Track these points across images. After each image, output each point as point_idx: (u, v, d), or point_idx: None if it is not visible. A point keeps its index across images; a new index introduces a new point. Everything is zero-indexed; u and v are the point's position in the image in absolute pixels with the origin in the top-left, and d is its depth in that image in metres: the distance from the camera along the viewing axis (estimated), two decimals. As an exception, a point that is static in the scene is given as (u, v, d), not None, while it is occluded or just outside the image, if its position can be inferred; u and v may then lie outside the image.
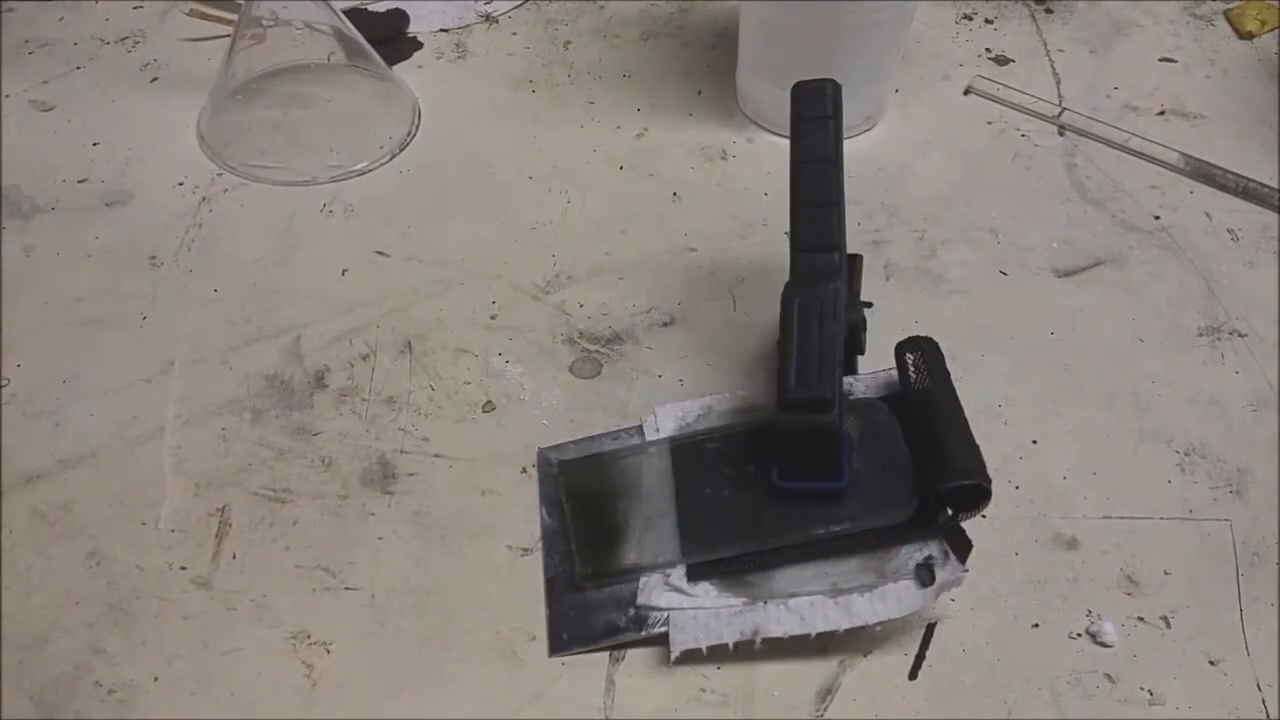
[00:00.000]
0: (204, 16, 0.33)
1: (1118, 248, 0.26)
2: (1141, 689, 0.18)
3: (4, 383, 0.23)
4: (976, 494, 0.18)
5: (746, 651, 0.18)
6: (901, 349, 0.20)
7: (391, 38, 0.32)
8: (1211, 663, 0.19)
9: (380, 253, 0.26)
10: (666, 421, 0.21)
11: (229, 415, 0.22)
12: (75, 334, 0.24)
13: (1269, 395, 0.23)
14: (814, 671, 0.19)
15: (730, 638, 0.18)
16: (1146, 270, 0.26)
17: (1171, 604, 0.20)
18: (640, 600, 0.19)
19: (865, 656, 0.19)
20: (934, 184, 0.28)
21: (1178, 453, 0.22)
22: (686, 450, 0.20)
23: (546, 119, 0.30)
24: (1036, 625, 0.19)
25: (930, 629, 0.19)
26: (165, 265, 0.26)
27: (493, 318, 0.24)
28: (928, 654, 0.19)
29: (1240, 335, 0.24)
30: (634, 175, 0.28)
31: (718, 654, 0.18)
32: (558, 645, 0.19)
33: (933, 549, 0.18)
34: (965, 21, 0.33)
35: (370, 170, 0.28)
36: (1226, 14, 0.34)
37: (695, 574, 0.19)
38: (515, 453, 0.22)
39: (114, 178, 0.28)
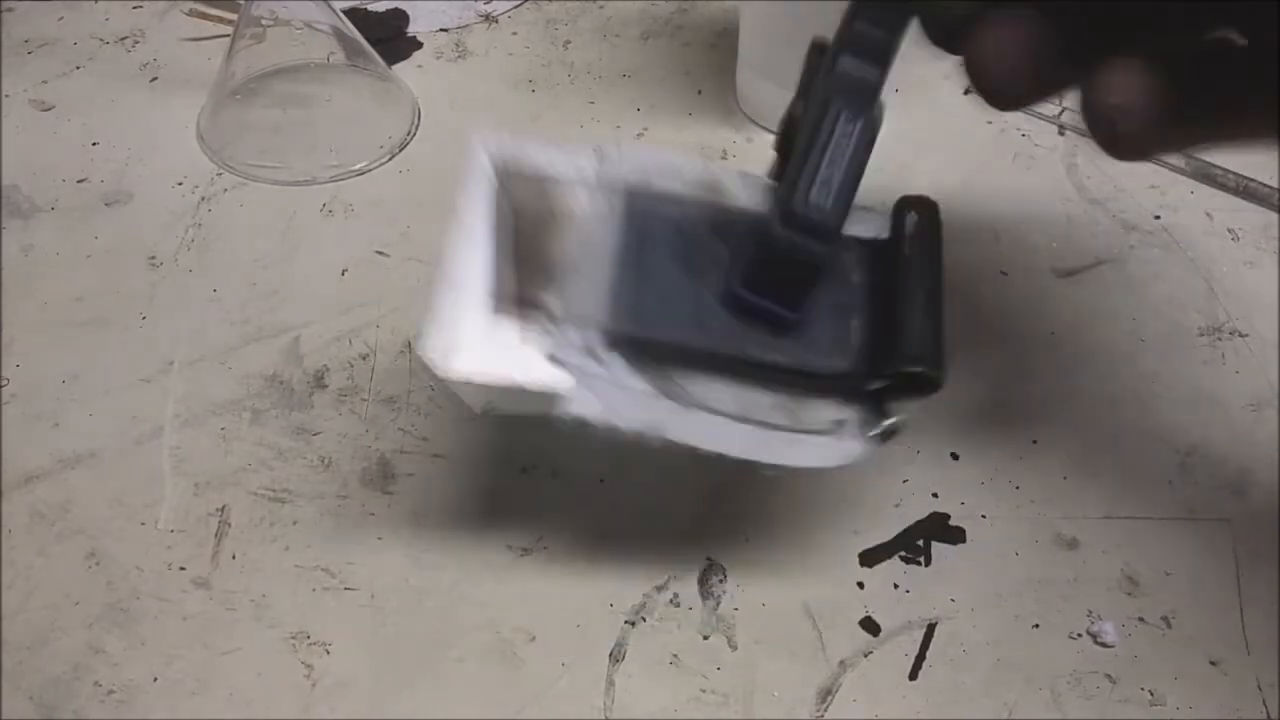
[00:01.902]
0: (204, 16, 0.32)
1: (1118, 247, 0.26)
2: (1142, 689, 0.18)
3: (3, 383, 0.23)
4: (924, 382, 0.16)
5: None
6: (903, 205, 0.18)
7: (391, 37, 0.32)
8: (1212, 663, 0.19)
9: (380, 252, 0.26)
10: (626, 162, 0.18)
11: (228, 415, 0.22)
12: (74, 334, 0.24)
13: (1270, 395, 0.23)
14: (814, 672, 0.19)
15: (630, 425, 0.16)
16: (1147, 270, 0.26)
17: (1172, 604, 0.20)
18: (550, 351, 0.16)
19: (866, 657, 0.19)
20: (934, 184, 0.28)
21: (1178, 453, 0.22)
22: (642, 205, 0.17)
23: (546, 118, 0.30)
24: (1037, 626, 0.19)
25: (931, 629, 0.19)
26: (165, 265, 0.26)
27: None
28: (928, 654, 0.19)
29: (1241, 335, 0.24)
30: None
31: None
32: (445, 368, 0.16)
33: (849, 414, 0.17)
34: (965, 21, 0.33)
35: (370, 170, 0.28)
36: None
37: (613, 345, 0.16)
38: (515, 453, 0.22)
39: (113, 177, 0.28)
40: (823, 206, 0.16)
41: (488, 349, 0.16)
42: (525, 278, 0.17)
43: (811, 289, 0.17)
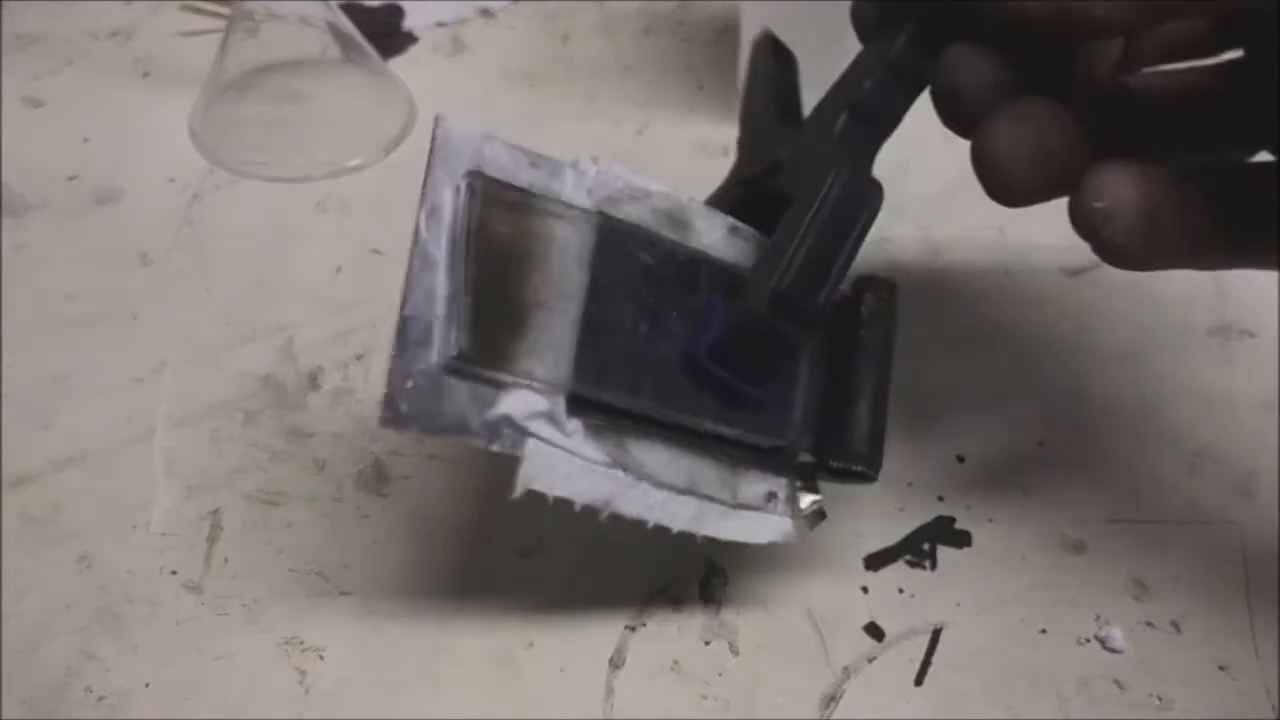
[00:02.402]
0: (196, 11, 0.32)
1: (1125, 245, 0.26)
2: (1150, 694, 0.18)
3: (-7, 383, 0.22)
4: (859, 478, 0.17)
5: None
6: (862, 285, 0.18)
7: (387, 32, 0.32)
8: (1221, 668, 0.19)
9: (375, 251, 0.26)
10: (602, 182, 0.17)
11: (221, 416, 0.22)
12: (65, 333, 0.24)
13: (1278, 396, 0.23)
14: (817, 678, 0.18)
15: (582, 498, 0.15)
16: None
17: (1181, 608, 0.19)
18: (504, 410, 0.15)
19: (870, 662, 0.19)
20: (937, 181, 0.27)
21: (1187, 455, 0.22)
22: (614, 239, 0.16)
23: (545, 114, 0.29)
24: (1044, 631, 0.19)
25: (936, 634, 0.19)
26: (157, 263, 0.25)
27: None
28: (933, 660, 0.19)
29: (1251, 335, 0.24)
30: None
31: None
32: (393, 418, 0.14)
33: (779, 487, 0.17)
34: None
35: (365, 167, 0.28)
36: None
37: (573, 407, 0.15)
38: (514, 454, 0.21)
39: (105, 175, 0.27)
40: (816, 295, 0.15)
41: (442, 402, 0.15)
42: (488, 325, 0.15)
43: (775, 370, 0.16)
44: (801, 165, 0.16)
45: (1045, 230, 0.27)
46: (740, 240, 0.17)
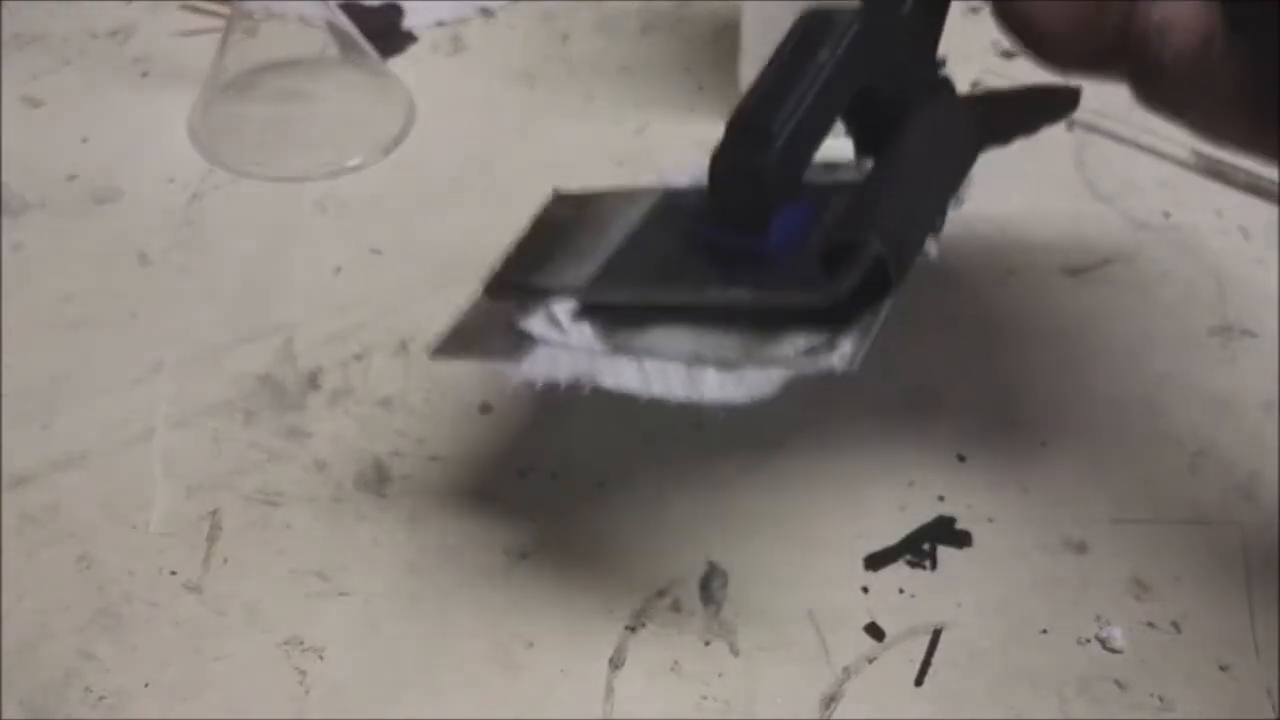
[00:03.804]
0: (195, 10, 0.32)
1: (1127, 245, 0.26)
2: (1151, 695, 0.18)
3: (-8, 383, 0.22)
4: (873, 264, 0.14)
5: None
6: (1034, 92, 0.17)
7: (386, 32, 0.32)
8: (1222, 668, 0.18)
9: (375, 250, 0.26)
10: (681, 176, 0.18)
11: (220, 417, 0.22)
12: (64, 333, 0.24)
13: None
14: (817, 678, 0.18)
15: (566, 377, 0.16)
16: (1156, 269, 0.26)
17: (1182, 609, 0.19)
18: (520, 324, 0.16)
19: (870, 663, 0.19)
20: (939, 180, 0.27)
21: (1188, 455, 0.22)
22: (669, 201, 0.17)
23: (544, 114, 0.29)
24: (1045, 631, 0.19)
25: (936, 634, 0.19)
26: (156, 263, 0.25)
27: (490, 317, 0.24)
28: (934, 660, 0.19)
29: (1252, 335, 0.24)
30: (633, 171, 0.27)
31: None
32: (435, 348, 0.18)
33: (818, 340, 0.14)
34: (972, 15, 0.33)
35: (364, 167, 0.28)
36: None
37: (583, 312, 0.16)
38: (513, 455, 0.21)
39: (104, 174, 0.27)
40: (766, 112, 0.14)
41: (477, 335, 0.17)
42: (527, 267, 0.17)
43: (770, 206, 0.15)
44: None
45: (1046, 230, 0.27)
46: (829, 174, 0.16)
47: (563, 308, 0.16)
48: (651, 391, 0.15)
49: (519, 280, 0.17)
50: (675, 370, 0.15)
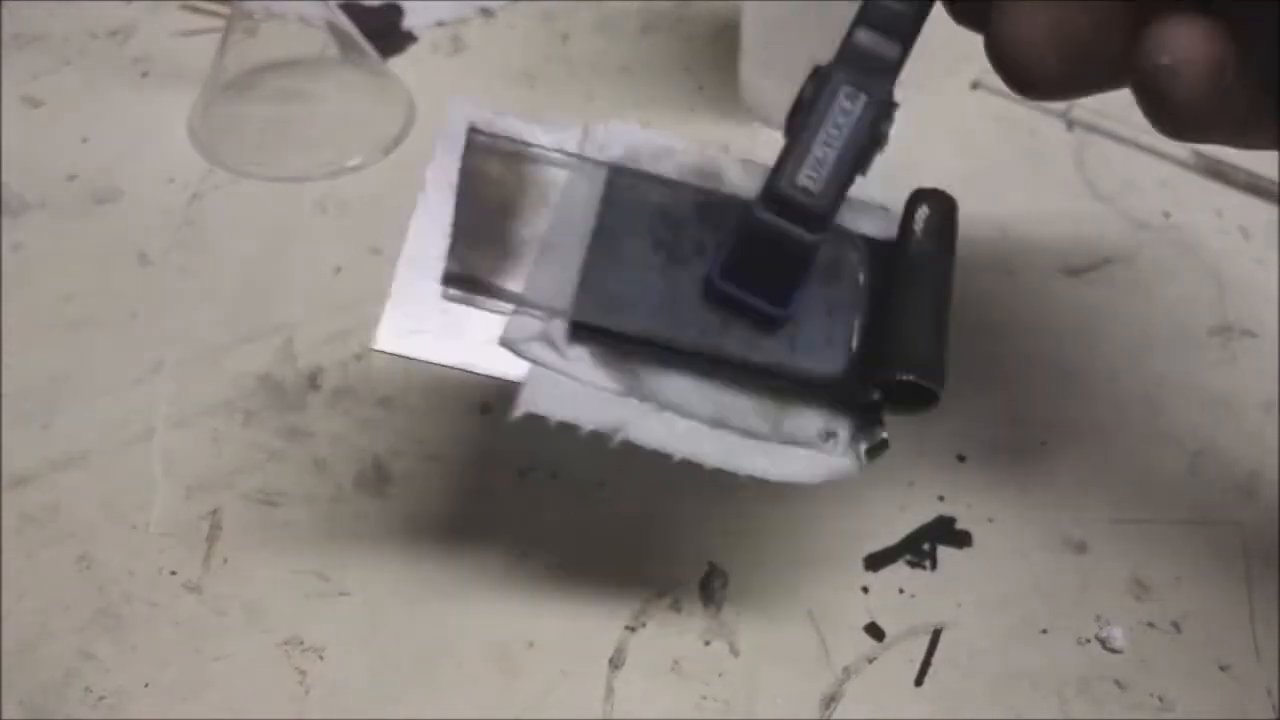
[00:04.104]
0: (195, 10, 0.32)
1: (1127, 245, 0.26)
2: (1151, 695, 0.18)
3: (-8, 383, 0.22)
4: (920, 395, 0.15)
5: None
6: (917, 199, 0.17)
7: (386, 32, 0.32)
8: (1222, 668, 0.19)
9: (375, 250, 0.26)
10: (615, 141, 0.16)
11: (220, 416, 0.22)
12: (64, 333, 0.24)
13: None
14: (817, 678, 0.18)
15: (589, 423, 0.15)
16: (1156, 269, 0.26)
17: (1182, 609, 0.19)
18: (504, 336, 0.15)
19: (870, 663, 0.19)
20: (940, 180, 0.27)
21: (1188, 454, 0.22)
22: (625, 185, 0.16)
23: (544, 114, 0.29)
24: (1045, 631, 0.19)
25: (936, 634, 0.19)
26: (156, 264, 0.25)
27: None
28: (934, 660, 0.19)
29: (1251, 335, 0.24)
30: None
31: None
32: (391, 341, 0.15)
33: (841, 426, 0.15)
34: (970, 14, 0.33)
35: (364, 167, 0.28)
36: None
37: (577, 336, 0.15)
38: (513, 455, 0.21)
39: (104, 174, 0.27)
40: (811, 189, 0.14)
41: (438, 329, 0.15)
42: (487, 255, 0.15)
43: (798, 282, 0.15)
44: (804, 87, 0.15)
45: (1046, 230, 0.27)
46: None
47: (555, 327, 0.15)
48: (680, 453, 0.15)
49: (480, 277, 0.15)
50: (701, 432, 0.15)
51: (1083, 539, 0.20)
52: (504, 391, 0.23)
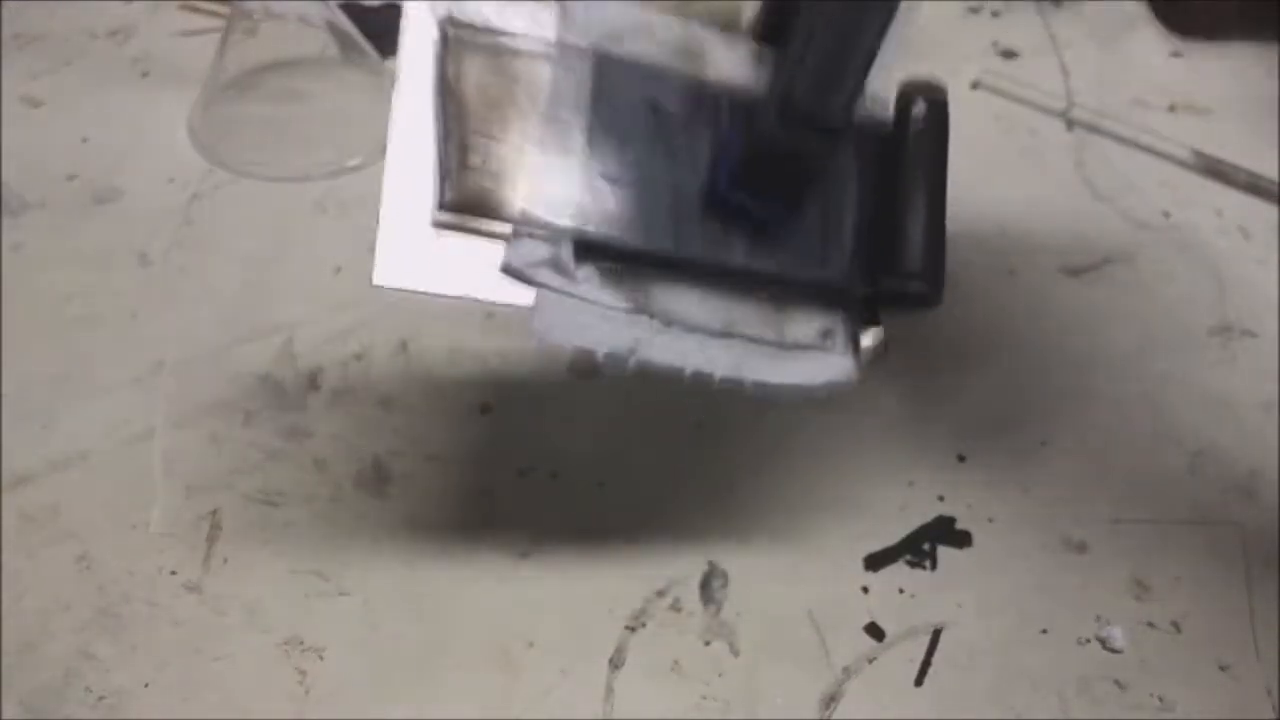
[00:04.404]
0: (195, 10, 0.32)
1: (1127, 245, 0.26)
2: (1151, 695, 0.18)
3: (-8, 383, 0.22)
4: (920, 297, 0.15)
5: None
6: (909, 93, 0.16)
7: (386, 31, 0.31)
8: (1222, 668, 0.18)
9: (374, 250, 0.26)
10: (593, 20, 0.15)
11: (220, 416, 0.22)
12: (64, 333, 0.24)
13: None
14: (817, 678, 0.18)
15: (603, 347, 0.14)
16: (1156, 269, 0.26)
17: (1182, 609, 0.19)
18: (511, 262, 0.14)
19: (870, 663, 0.19)
20: (939, 180, 0.27)
21: (1188, 454, 0.22)
22: (613, 78, 0.15)
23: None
24: (1045, 631, 0.19)
25: (936, 634, 0.19)
26: (156, 264, 0.25)
27: (489, 316, 0.24)
28: (934, 660, 0.19)
29: (1252, 335, 0.24)
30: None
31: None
32: (390, 274, 0.14)
33: (837, 323, 0.15)
34: (972, 14, 0.33)
35: (364, 167, 0.28)
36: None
37: (583, 253, 0.14)
38: (513, 455, 0.21)
39: (104, 174, 0.27)
40: (832, 104, 0.14)
41: (438, 258, 0.14)
42: (479, 174, 0.14)
43: (807, 190, 0.15)
44: None
45: (1046, 230, 0.27)
46: (766, 67, 0.16)
47: (565, 249, 0.14)
48: (692, 367, 0.15)
49: (484, 203, 0.14)
50: (711, 345, 0.15)
51: (1083, 539, 0.20)
52: (504, 391, 0.23)
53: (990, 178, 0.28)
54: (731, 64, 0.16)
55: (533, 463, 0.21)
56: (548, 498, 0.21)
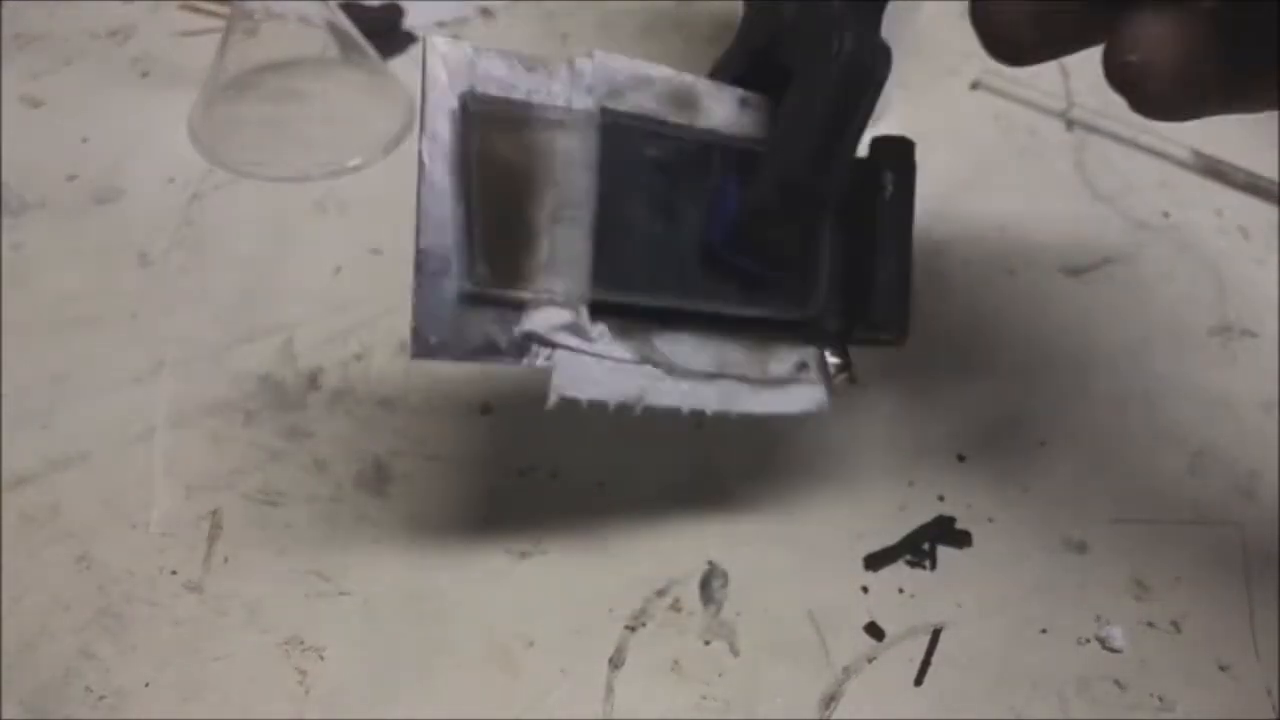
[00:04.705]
0: (195, 10, 0.32)
1: (1127, 245, 0.26)
2: (1151, 695, 0.18)
3: (-8, 383, 0.22)
4: (886, 341, 0.18)
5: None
6: (878, 155, 0.17)
7: (386, 31, 0.32)
8: (1222, 668, 0.19)
9: (375, 250, 0.26)
10: (600, 77, 0.16)
11: (220, 416, 0.22)
12: (64, 333, 0.24)
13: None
14: (817, 678, 0.18)
15: (614, 398, 0.16)
16: (1156, 269, 0.26)
17: (1182, 608, 0.19)
18: (529, 327, 0.16)
19: (870, 663, 0.19)
20: (940, 180, 0.27)
21: (1188, 454, 0.22)
22: (618, 137, 0.16)
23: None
24: (1044, 630, 0.19)
25: (936, 634, 0.19)
26: (156, 264, 0.25)
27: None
28: (934, 660, 0.19)
29: (1252, 335, 0.24)
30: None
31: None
32: (424, 349, 0.15)
33: (809, 356, 0.18)
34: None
35: (364, 167, 0.28)
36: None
37: (596, 311, 0.16)
38: (513, 455, 0.21)
39: (104, 174, 0.27)
40: (823, 180, 0.15)
41: (467, 329, 0.15)
42: (504, 253, 0.15)
43: (796, 251, 0.17)
44: (803, 36, 0.15)
45: (1047, 230, 0.27)
46: (751, 111, 0.17)
47: (583, 313, 0.16)
48: (688, 406, 0.17)
49: (510, 277, 0.15)
50: (704, 386, 0.17)
51: (1083, 539, 0.20)
52: (504, 391, 0.23)
53: (990, 178, 0.28)
54: (720, 112, 0.17)
55: (533, 463, 0.21)
56: (548, 498, 0.21)
